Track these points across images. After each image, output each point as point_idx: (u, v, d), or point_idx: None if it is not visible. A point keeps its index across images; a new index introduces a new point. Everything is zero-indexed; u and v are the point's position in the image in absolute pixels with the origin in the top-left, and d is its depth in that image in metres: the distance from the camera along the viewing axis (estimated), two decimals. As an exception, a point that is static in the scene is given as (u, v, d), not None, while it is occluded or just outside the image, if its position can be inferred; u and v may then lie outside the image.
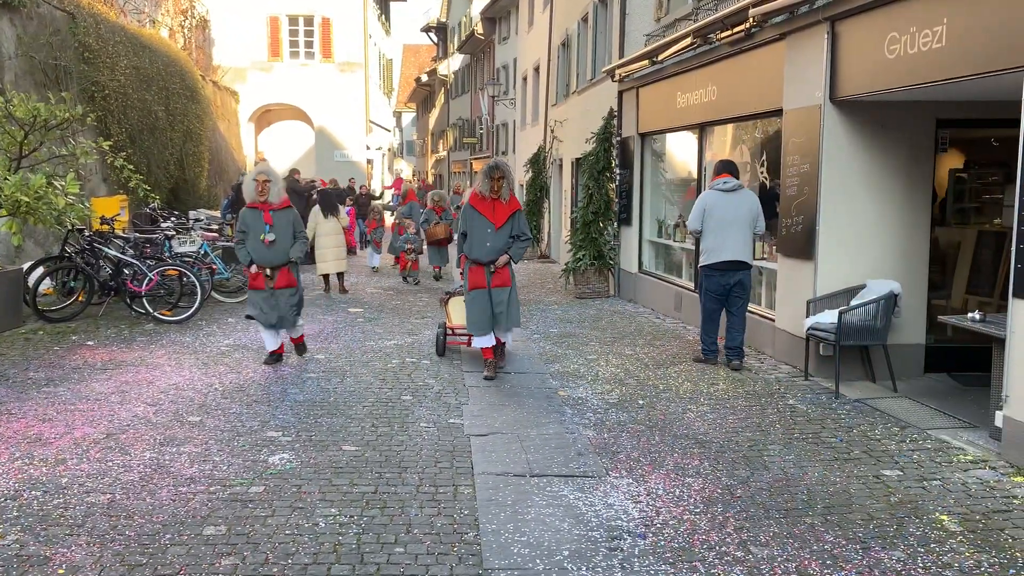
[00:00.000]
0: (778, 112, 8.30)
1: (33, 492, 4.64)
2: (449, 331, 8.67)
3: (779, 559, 3.97)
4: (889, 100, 7.06)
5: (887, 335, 7.11)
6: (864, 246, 7.52)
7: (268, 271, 7.85)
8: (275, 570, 3.79)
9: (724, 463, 5.33)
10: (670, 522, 4.41)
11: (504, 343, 7.99)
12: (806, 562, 3.94)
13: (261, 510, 4.47)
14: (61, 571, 3.74)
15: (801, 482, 5.01)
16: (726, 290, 7.92)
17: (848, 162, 7.42)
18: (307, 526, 4.28)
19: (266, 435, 5.80)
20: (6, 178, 8.81)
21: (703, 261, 8.02)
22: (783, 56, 8.10)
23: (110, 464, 5.13)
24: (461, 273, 7.89)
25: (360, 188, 22.61)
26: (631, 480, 5.03)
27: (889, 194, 7.47)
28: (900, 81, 6.29)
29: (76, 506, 4.46)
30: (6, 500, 4.52)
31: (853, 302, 7.21)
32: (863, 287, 7.36)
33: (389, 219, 20.29)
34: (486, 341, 7.61)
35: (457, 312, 8.69)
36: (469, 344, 8.15)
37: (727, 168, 8.08)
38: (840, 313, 6.94)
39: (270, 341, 8.10)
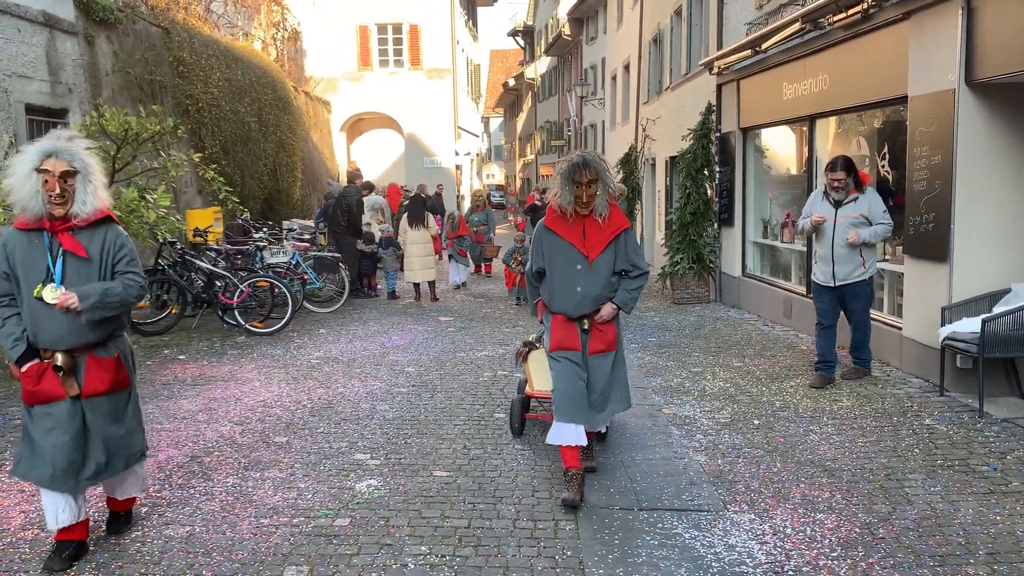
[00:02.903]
0: (902, 99, 7.53)
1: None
2: (530, 398, 6.03)
3: (942, 621, 3.36)
4: (1037, 80, 6.26)
5: (1038, 346, 6.29)
6: (1007, 245, 6.71)
7: (60, 359, 3.81)
8: (359, 621, 3.42)
9: (859, 496, 4.70)
10: (803, 568, 3.84)
11: (603, 432, 5.52)
12: (976, 626, 3.32)
13: (346, 547, 4.11)
14: (133, 617, 3.46)
15: (954, 520, 4.34)
16: None
17: (987, 151, 6.63)
18: (395, 567, 3.89)
19: (354, 458, 5.48)
20: (100, 193, 8.84)
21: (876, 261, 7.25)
22: (907, 37, 7.33)
23: (192, 491, 4.89)
24: (541, 320, 5.11)
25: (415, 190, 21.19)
26: (753, 516, 4.46)
27: (1037, 186, 6.64)
28: (1056, 57, 5.51)
29: (154, 540, 4.20)
30: (84, 532, 4.30)
31: (997, 308, 6.41)
32: (1008, 291, 6.55)
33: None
34: (569, 436, 4.69)
35: (541, 372, 5.70)
36: None
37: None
38: (983, 321, 6.17)
39: (60, 509, 3.88)
